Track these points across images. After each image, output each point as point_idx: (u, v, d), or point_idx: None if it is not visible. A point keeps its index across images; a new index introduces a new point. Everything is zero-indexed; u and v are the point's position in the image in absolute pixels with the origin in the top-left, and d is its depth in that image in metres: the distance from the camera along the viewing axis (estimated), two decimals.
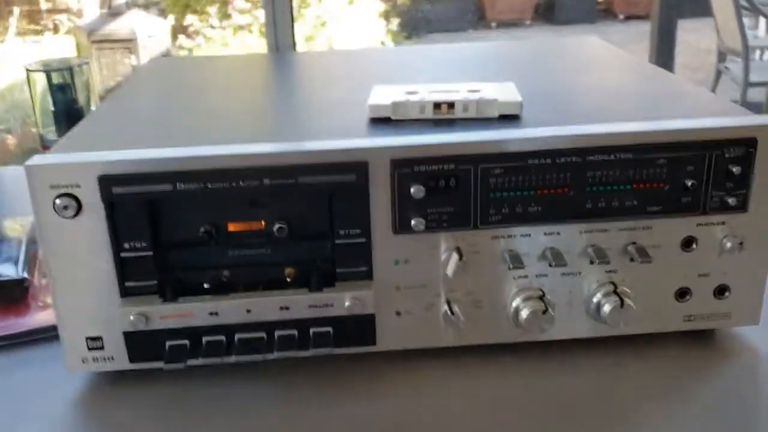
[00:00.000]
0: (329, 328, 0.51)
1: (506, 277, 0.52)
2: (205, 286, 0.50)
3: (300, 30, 4.75)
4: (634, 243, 0.52)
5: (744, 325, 0.55)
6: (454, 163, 0.49)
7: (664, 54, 3.69)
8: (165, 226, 0.50)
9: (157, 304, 0.50)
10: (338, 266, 0.51)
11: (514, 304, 0.52)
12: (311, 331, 0.51)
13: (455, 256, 0.50)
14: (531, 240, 0.51)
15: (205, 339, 0.50)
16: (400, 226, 0.50)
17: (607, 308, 0.51)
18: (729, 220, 0.51)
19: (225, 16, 4.95)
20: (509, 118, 0.54)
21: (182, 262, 0.51)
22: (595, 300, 0.52)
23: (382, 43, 4.98)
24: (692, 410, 0.49)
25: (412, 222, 0.49)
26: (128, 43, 3.30)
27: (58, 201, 0.47)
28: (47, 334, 0.58)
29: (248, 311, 0.50)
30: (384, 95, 0.56)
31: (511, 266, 0.50)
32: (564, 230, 0.51)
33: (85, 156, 0.48)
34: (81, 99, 0.75)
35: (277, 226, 0.50)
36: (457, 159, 0.48)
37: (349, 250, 0.51)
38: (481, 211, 0.50)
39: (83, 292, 0.50)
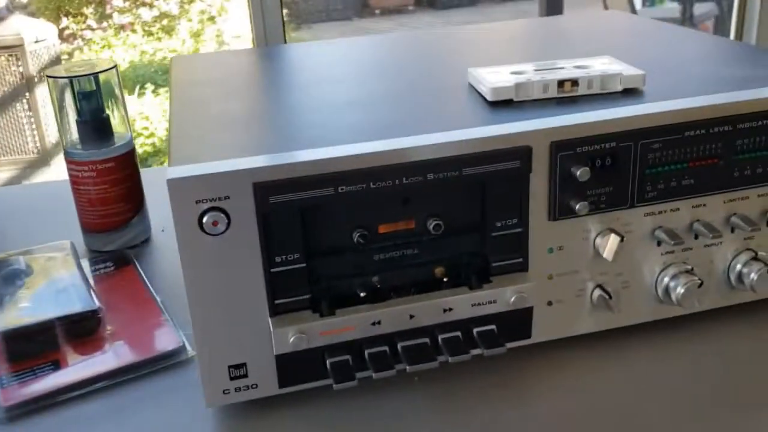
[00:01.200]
0: (493, 326, 0.48)
1: (653, 254, 0.51)
2: (361, 294, 0.46)
3: (186, 27, 4.58)
4: None
5: None
6: (615, 140, 0.47)
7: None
8: (316, 233, 0.45)
9: (313, 320, 0.45)
10: (493, 259, 0.48)
11: (664, 282, 0.51)
12: (475, 330, 0.48)
13: (615, 238, 0.48)
14: (680, 214, 0.50)
15: (367, 351, 0.46)
16: (559, 211, 0.48)
17: (754, 276, 0.51)
18: None
19: (104, 16, 4.70)
20: (632, 92, 0.52)
21: (333, 271, 0.46)
22: (737, 269, 0.52)
23: None
24: None
25: (576, 206, 0.47)
26: (15, 50, 3.06)
27: (206, 217, 0.42)
28: (155, 367, 0.52)
29: (411, 317, 0.46)
30: (496, 77, 0.53)
31: (671, 243, 0.49)
32: (709, 201, 0.50)
33: (236, 163, 0.42)
34: (108, 107, 0.68)
35: (432, 223, 0.46)
36: (618, 136, 0.47)
37: (504, 242, 0.48)
38: (638, 189, 0.48)
39: (225, 315, 0.45)
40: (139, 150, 3.38)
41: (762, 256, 0.52)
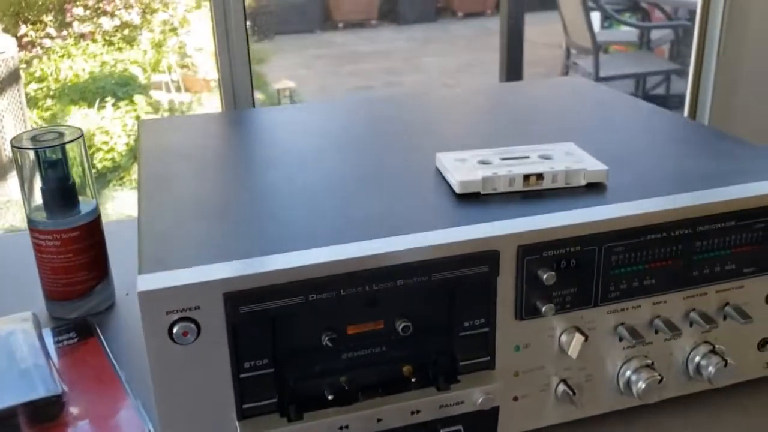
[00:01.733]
0: (459, 426, 0.49)
1: (616, 349, 0.52)
2: (329, 397, 0.47)
3: (148, 37, 4.53)
4: (728, 303, 0.53)
5: None
6: (580, 244, 0.48)
7: (513, 49, 3.87)
8: (285, 338, 0.46)
9: (281, 425, 0.45)
10: (460, 358, 0.49)
11: (626, 375, 0.52)
12: (441, 431, 0.48)
13: (580, 337, 0.49)
14: (641, 311, 0.51)
15: None
16: (526, 312, 0.49)
17: (711, 370, 0.53)
18: None
19: (63, 24, 4.63)
20: (595, 187, 0.54)
21: (302, 374, 0.47)
22: (695, 361, 0.53)
23: None
24: None
25: (543, 308, 0.48)
26: None
27: (176, 328, 0.42)
28: None
29: (379, 420, 0.47)
30: (463, 168, 0.54)
31: (632, 341, 0.50)
32: (669, 298, 0.52)
33: (206, 272, 0.42)
34: (73, 175, 0.67)
35: (401, 324, 0.47)
36: (583, 240, 0.48)
37: (472, 341, 0.49)
38: (602, 289, 0.50)
39: (194, 419, 0.45)
40: (99, 165, 3.33)
41: (719, 350, 0.53)
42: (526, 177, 0.53)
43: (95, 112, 3.74)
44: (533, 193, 0.53)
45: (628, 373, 0.52)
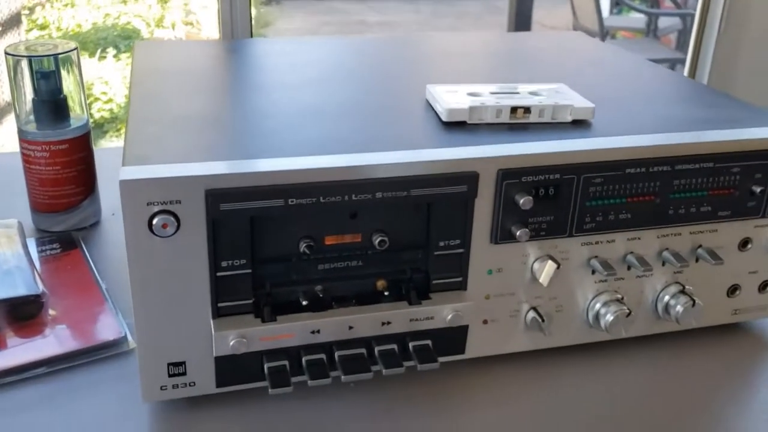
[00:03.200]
0: (428, 341, 0.50)
1: (587, 282, 0.53)
2: (303, 303, 0.48)
3: None
4: (701, 245, 0.54)
5: None
6: (559, 173, 0.49)
7: (519, 29, 3.86)
8: (264, 241, 0.46)
9: (254, 324, 0.46)
10: (433, 277, 0.50)
11: (595, 308, 0.53)
12: (411, 344, 0.49)
13: (552, 265, 0.50)
14: (615, 246, 0.52)
15: (305, 358, 0.48)
16: (501, 236, 0.49)
17: (679, 309, 0.54)
18: None
19: None
20: (581, 124, 0.54)
21: (278, 278, 0.48)
22: (665, 300, 0.55)
23: None
24: (749, 397, 0.53)
25: (517, 233, 0.49)
26: None
27: (156, 219, 0.43)
28: (94, 356, 0.53)
29: (350, 327, 0.48)
30: (452, 98, 0.55)
31: (604, 273, 0.51)
32: (644, 235, 0.53)
33: (189, 168, 0.43)
34: (65, 89, 0.68)
35: (378, 238, 0.48)
36: (562, 169, 0.49)
37: (446, 261, 0.50)
38: (577, 220, 0.50)
39: (169, 315, 0.46)
40: (96, 115, 3.32)
41: (689, 290, 0.55)
42: (514, 109, 0.54)
43: (96, 61, 3.72)
44: (519, 126, 0.54)
45: (598, 306, 0.53)
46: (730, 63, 1.44)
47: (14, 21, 3.37)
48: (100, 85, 3.56)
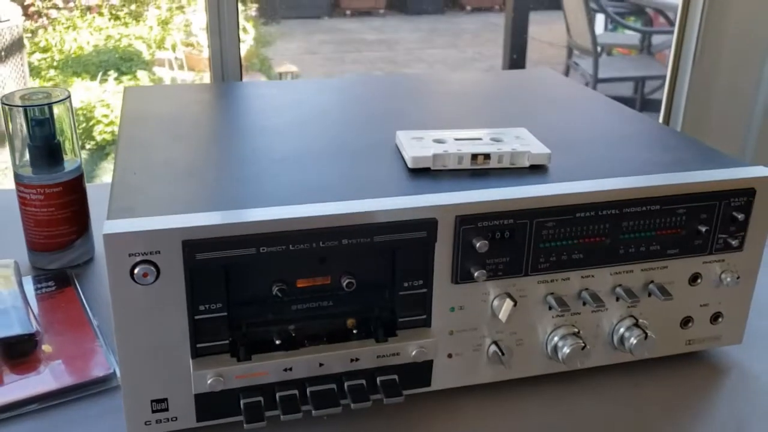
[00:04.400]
0: (395, 376, 0.53)
1: (545, 317, 0.57)
2: (277, 342, 0.51)
3: (155, 14, 4.55)
4: (652, 281, 0.58)
5: (730, 344, 0.63)
6: (513, 218, 0.52)
7: (517, 47, 3.90)
8: (238, 286, 0.50)
9: (230, 363, 0.50)
10: (399, 315, 0.54)
11: (553, 341, 0.57)
12: (378, 379, 0.53)
13: (509, 302, 0.54)
14: (570, 283, 0.56)
15: (278, 394, 0.51)
16: (461, 276, 0.53)
17: (633, 341, 0.57)
18: (728, 257, 0.59)
19: None
20: (538, 168, 0.58)
21: (253, 320, 0.51)
22: (620, 332, 0.58)
23: (244, 29, 4.88)
24: (703, 423, 0.56)
25: (475, 274, 0.52)
26: None
27: (137, 269, 0.47)
28: (86, 392, 0.56)
29: (321, 365, 0.52)
30: (418, 145, 0.59)
31: (558, 309, 0.55)
32: (597, 273, 0.56)
33: (167, 221, 0.47)
34: (59, 134, 0.72)
35: (345, 281, 0.51)
36: (516, 214, 0.52)
37: (410, 300, 0.53)
38: (532, 260, 0.54)
39: (151, 355, 0.49)
40: (98, 138, 3.37)
41: (642, 324, 0.58)
42: (474, 156, 0.58)
43: (97, 84, 3.77)
44: (480, 172, 0.58)
45: (556, 339, 0.57)
46: (706, 86, 1.48)
47: (17, 45, 3.43)
48: (102, 108, 3.61)
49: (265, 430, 0.53)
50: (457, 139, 0.60)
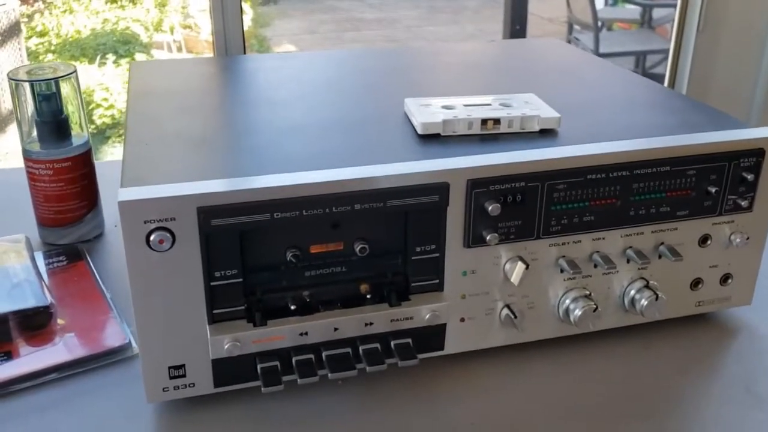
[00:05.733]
0: (408, 339, 0.54)
1: (557, 280, 0.57)
2: (292, 307, 0.52)
3: None
4: (662, 243, 0.58)
5: (740, 305, 0.63)
6: (524, 180, 0.53)
7: (517, 23, 3.88)
8: (253, 252, 0.50)
9: (247, 329, 0.51)
10: (412, 280, 0.54)
11: (565, 304, 0.57)
12: (392, 343, 0.53)
13: (521, 265, 0.54)
14: (581, 246, 0.56)
15: (294, 359, 0.52)
16: (473, 240, 0.53)
17: (644, 302, 0.58)
18: (737, 219, 0.59)
19: None
20: (548, 132, 0.58)
21: (268, 286, 0.52)
22: (630, 294, 0.59)
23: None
24: (713, 381, 0.57)
25: (487, 237, 0.53)
26: None
27: (153, 236, 0.47)
28: (107, 360, 0.57)
29: (336, 329, 0.52)
30: (427, 111, 0.59)
31: (570, 272, 0.55)
32: (608, 235, 0.57)
33: (182, 188, 0.47)
34: (66, 109, 0.72)
35: (359, 246, 0.52)
36: (527, 177, 0.53)
37: (423, 265, 0.54)
38: (544, 223, 0.54)
39: (168, 322, 0.50)
40: (98, 121, 3.36)
41: (653, 285, 0.58)
42: (484, 121, 0.58)
43: (96, 68, 3.75)
44: (490, 137, 0.58)
45: (567, 302, 0.57)
46: (710, 57, 1.48)
47: (14, 29, 3.41)
48: (101, 91, 3.60)
49: (282, 394, 0.53)
50: (466, 105, 0.61)
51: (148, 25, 4.44)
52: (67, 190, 0.72)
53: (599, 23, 4.02)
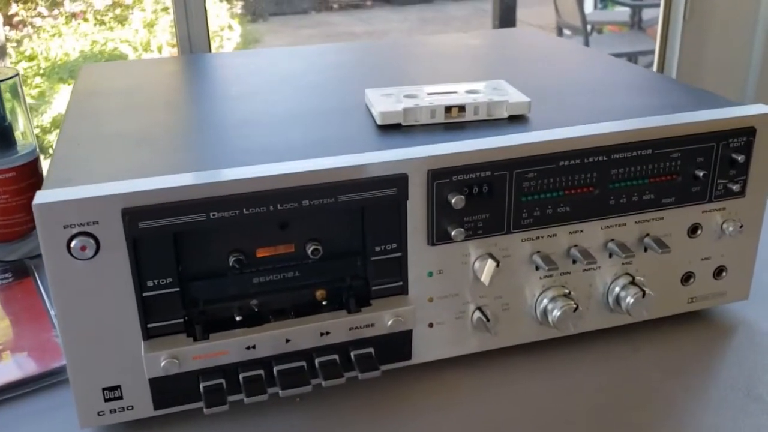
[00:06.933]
0: (370, 349, 0.49)
1: (533, 278, 0.52)
2: (237, 318, 0.47)
3: (139, 17, 4.49)
4: (648, 234, 0.53)
5: (736, 300, 0.58)
6: (489, 169, 0.48)
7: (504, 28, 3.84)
8: (191, 258, 0.46)
9: (187, 344, 0.45)
10: (372, 283, 0.49)
11: (542, 304, 0.52)
12: (352, 353, 0.48)
13: (492, 263, 0.49)
14: (557, 240, 0.51)
15: (242, 375, 0.47)
16: (437, 237, 0.48)
17: (630, 300, 0.53)
18: (729, 205, 0.54)
19: (55, 3, 4.60)
20: (518, 119, 0.54)
21: (208, 295, 0.47)
22: (615, 292, 0.54)
23: (230, 26, 4.83)
24: (710, 384, 0.52)
25: (453, 232, 0.48)
26: None
27: (74, 242, 0.42)
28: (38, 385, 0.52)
29: (288, 341, 0.47)
30: (387, 101, 0.54)
31: (546, 269, 0.50)
32: (586, 227, 0.52)
33: (104, 188, 0.42)
34: (10, 115, 0.67)
35: (311, 247, 0.47)
36: (493, 165, 0.48)
37: (384, 266, 0.49)
38: (514, 216, 0.49)
39: (98, 339, 0.45)
40: None
41: (639, 281, 0.53)
42: (448, 109, 0.53)
43: None
44: (455, 125, 0.53)
45: (545, 302, 0.52)
46: (699, 46, 1.44)
47: (0, 54, 3.37)
48: None
49: (231, 415, 0.48)
50: (430, 94, 0.56)
51: (137, 45, 4.41)
52: (12, 203, 0.68)
53: (588, 27, 3.98)
